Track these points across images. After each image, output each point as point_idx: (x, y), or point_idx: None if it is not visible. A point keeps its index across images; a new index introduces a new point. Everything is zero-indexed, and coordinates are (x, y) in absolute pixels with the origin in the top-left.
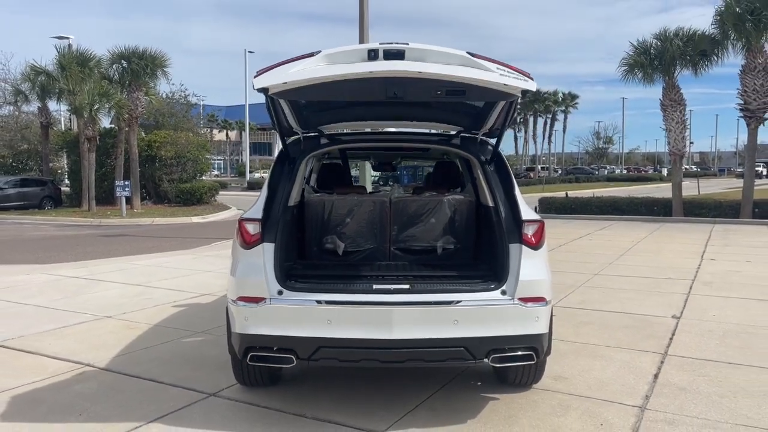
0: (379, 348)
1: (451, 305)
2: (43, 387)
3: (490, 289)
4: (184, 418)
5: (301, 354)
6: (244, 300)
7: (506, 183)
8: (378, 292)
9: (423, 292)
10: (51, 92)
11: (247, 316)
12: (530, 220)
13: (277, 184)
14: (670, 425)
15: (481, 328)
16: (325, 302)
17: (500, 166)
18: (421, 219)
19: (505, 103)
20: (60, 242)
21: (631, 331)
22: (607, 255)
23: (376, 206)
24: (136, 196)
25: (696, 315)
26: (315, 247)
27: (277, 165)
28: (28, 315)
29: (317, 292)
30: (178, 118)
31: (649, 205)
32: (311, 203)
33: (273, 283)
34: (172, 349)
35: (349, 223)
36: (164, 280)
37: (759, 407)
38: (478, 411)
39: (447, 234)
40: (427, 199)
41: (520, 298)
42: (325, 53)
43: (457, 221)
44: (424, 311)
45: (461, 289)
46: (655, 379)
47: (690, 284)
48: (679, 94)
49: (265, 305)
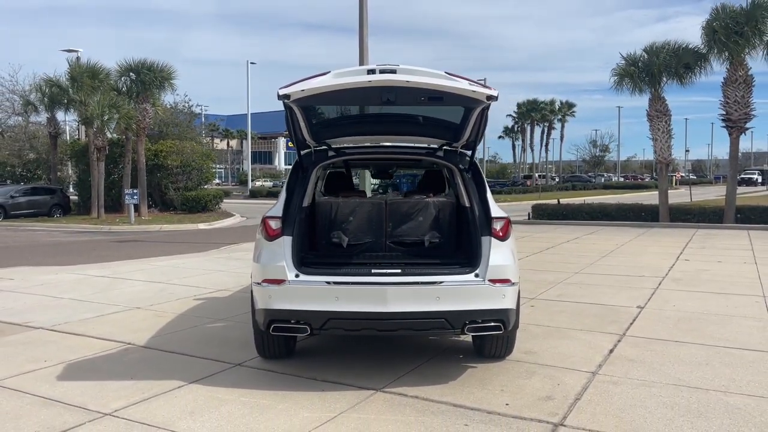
0: (377, 319)
1: (435, 285)
2: (97, 358)
3: (466, 272)
4: (217, 380)
5: (314, 325)
6: (267, 282)
7: (480, 187)
8: (376, 275)
9: (412, 275)
10: (60, 103)
11: (270, 294)
12: (498, 217)
13: (294, 189)
14: (614, 385)
15: (458, 303)
16: (333, 283)
17: (475, 174)
18: (411, 217)
19: (477, 117)
20: (76, 247)
21: (598, 318)
22: (590, 257)
23: (374, 207)
24: (144, 204)
25: (658, 305)
26: (324, 241)
27: (293, 173)
28: (66, 306)
29: (327, 275)
30: (182, 128)
31: (636, 211)
32: (321, 204)
33: (291, 268)
34: (198, 332)
35: (352, 221)
36: (183, 278)
37: (691, 372)
38: (458, 376)
39: (432, 230)
40: (416, 201)
41: (490, 280)
42: (334, 72)
43: (441, 219)
44: (413, 290)
45: (443, 273)
46: (610, 354)
47: (660, 281)
48: (664, 105)
49: (285, 285)
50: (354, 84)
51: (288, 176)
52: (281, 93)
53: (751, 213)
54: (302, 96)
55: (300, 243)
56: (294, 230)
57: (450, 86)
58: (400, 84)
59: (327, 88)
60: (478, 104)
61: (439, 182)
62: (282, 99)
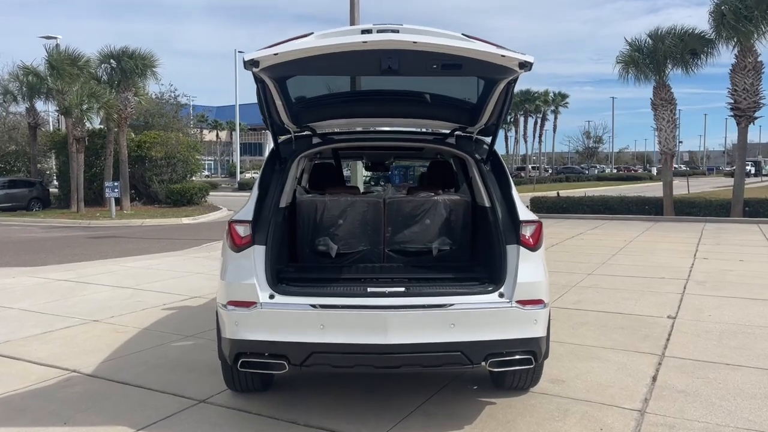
0: (374, 353)
1: (448, 308)
2: (28, 393)
3: (487, 291)
4: (174, 424)
5: (293, 360)
6: (234, 304)
7: (503, 183)
8: (372, 295)
9: (419, 296)
10: (39, 92)
11: (237, 320)
12: (528, 220)
13: (268, 185)
14: (671, 429)
15: (478, 331)
16: (317, 306)
17: (496, 165)
18: (415, 220)
19: (501, 92)
20: (48, 244)
21: (627, 332)
22: (600, 254)
23: (369, 207)
24: (126, 197)
25: (691, 315)
26: (307, 249)
27: (267, 165)
28: (13, 319)
29: (309, 296)
30: (168, 119)
31: (640, 204)
32: (303, 204)
33: (264, 286)
34: (161, 353)
35: (342, 224)
36: (154, 282)
37: (760, 409)
38: (475, 416)
39: (442, 235)
40: (422, 199)
41: (518, 301)
42: (318, 33)
43: (453, 222)
44: (419, 315)
45: (458, 292)
46: (654, 382)
47: (684, 284)
48: (669, 93)
49: (255, 310)
50: (344, 47)
51: (261, 169)
52: (247, 59)
53: (760, 206)
54: (275, 63)
55: (276, 254)
56: (268, 237)
57: (472, 50)
58: (405, 47)
59: (307, 53)
60: (507, 74)
61: (448, 176)
62: (249, 68)
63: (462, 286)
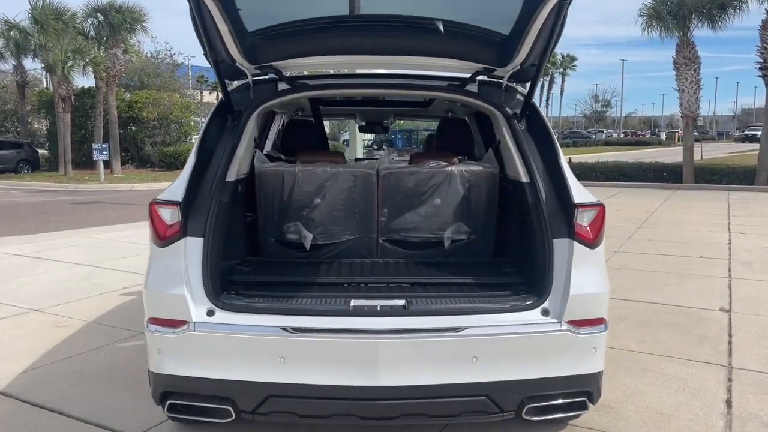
0: (360, 399)
1: (468, 333)
2: None
3: (525, 306)
4: None
5: (242, 405)
6: (157, 323)
7: (546, 148)
8: (358, 312)
9: (425, 313)
10: (26, 49)
11: (161, 347)
12: (586, 204)
13: (212, 151)
14: None
15: (511, 367)
16: (277, 328)
17: (536, 124)
18: (421, 199)
19: (551, 12)
20: (26, 210)
21: (676, 331)
22: (623, 228)
23: (357, 181)
24: (116, 160)
25: (748, 307)
26: (271, 239)
27: (213, 123)
28: None
29: (266, 312)
30: (164, 79)
31: (657, 170)
32: (264, 176)
33: (200, 298)
34: (101, 358)
35: (320, 204)
36: (121, 259)
37: None
38: None
39: (458, 220)
40: (430, 170)
41: (571, 322)
42: None
43: (474, 202)
44: (427, 343)
45: (483, 308)
46: (729, 408)
47: (727, 264)
48: (693, 51)
49: (187, 332)
50: None
51: (203, 129)
52: None
53: None
54: None
55: (220, 248)
56: (208, 225)
57: None
58: None
59: None
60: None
61: (465, 139)
62: None
63: (488, 297)
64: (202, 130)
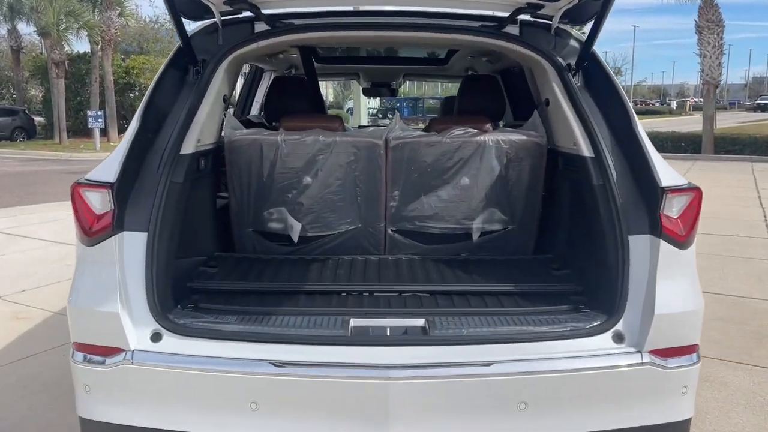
0: None
1: (513, 369)
2: None
3: (591, 330)
4: None
5: None
6: (84, 350)
7: (615, 111)
8: (360, 339)
9: (454, 341)
10: (20, 13)
11: (89, 384)
12: (677, 187)
13: (162, 115)
14: None
15: (573, 418)
16: (247, 362)
17: (599, 80)
18: (444, 178)
19: None
20: (12, 181)
21: (730, 327)
22: None
23: (360, 154)
24: (113, 128)
25: None
26: (248, 229)
27: (165, 78)
28: None
29: (232, 338)
30: (164, 44)
31: (675, 140)
32: (237, 148)
33: (142, 316)
34: (55, 361)
35: (311, 184)
36: None
37: None
38: None
39: (491, 206)
40: (457, 140)
41: (656, 351)
42: None
43: (512, 182)
44: (456, 384)
45: (532, 333)
46: None
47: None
48: (717, 13)
49: (122, 365)
50: None
51: (152, 86)
52: None
53: None
54: None
55: (174, 243)
56: (155, 214)
57: None
58: None
59: None
60: None
61: (497, 100)
62: None
63: (538, 315)
64: (151, 87)
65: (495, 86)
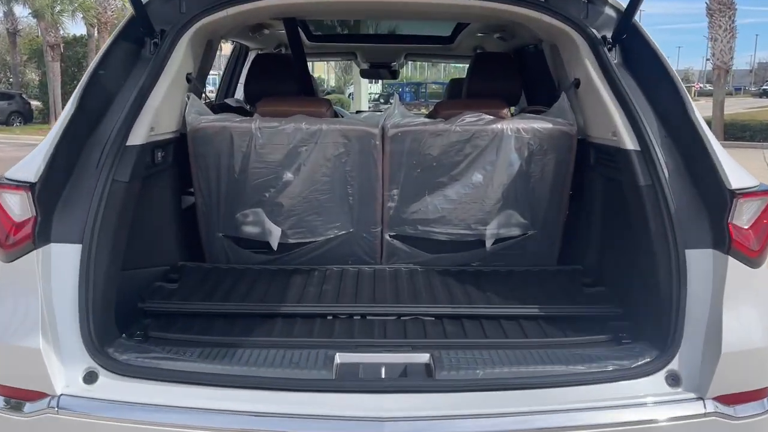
0: None
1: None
2: None
3: (638, 370)
4: None
5: None
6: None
7: (665, 94)
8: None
9: (462, 386)
10: None
11: None
12: (749, 190)
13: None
14: None
15: None
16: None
17: (643, 56)
18: (452, 174)
19: None
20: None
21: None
22: None
23: (351, 145)
24: None
25: None
26: (218, 233)
27: (113, 52)
28: None
29: (188, 381)
30: None
31: None
32: (202, 137)
33: (72, 351)
34: None
35: (293, 181)
36: None
37: None
38: None
39: (509, 207)
40: (469, 127)
41: (722, 398)
42: None
43: (535, 179)
44: None
45: (567, 376)
46: None
47: None
48: None
49: (46, 413)
50: None
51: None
52: None
53: None
54: None
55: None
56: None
57: None
58: None
59: None
60: None
61: (512, 81)
62: None
63: (570, 347)
64: (94, 62)
65: (511, 66)
